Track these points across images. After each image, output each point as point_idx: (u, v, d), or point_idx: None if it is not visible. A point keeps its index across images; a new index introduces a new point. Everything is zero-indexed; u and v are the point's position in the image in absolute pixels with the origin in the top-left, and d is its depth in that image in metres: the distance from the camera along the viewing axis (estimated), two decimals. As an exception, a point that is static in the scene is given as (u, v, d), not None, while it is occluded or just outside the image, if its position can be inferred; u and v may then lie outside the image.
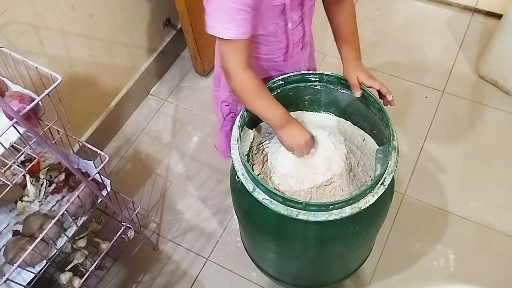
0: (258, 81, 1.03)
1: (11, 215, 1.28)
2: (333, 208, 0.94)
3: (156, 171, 1.83)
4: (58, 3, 1.43)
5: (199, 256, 1.62)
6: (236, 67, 1.00)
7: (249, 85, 1.02)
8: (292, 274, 1.39)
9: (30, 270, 1.15)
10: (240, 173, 1.01)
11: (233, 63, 1.00)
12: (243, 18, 0.93)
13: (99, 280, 1.56)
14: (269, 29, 1.04)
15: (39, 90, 0.99)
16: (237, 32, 0.94)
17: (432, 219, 1.64)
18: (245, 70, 1.00)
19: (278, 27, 1.05)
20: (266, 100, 1.04)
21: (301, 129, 1.08)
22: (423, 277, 1.53)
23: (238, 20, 0.93)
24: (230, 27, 0.93)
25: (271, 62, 1.16)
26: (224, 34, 0.94)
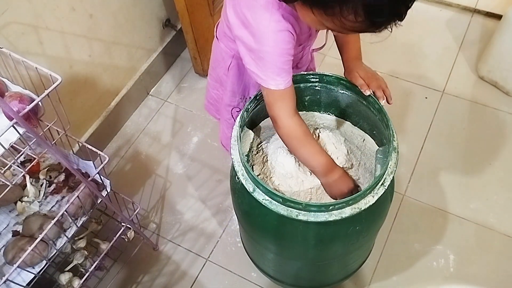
0: (305, 127, 1.03)
1: (11, 216, 1.28)
2: (333, 208, 0.94)
3: (156, 172, 1.83)
4: (58, 4, 1.43)
5: (198, 257, 1.62)
6: (285, 114, 1.00)
7: (296, 131, 1.02)
8: (292, 275, 1.39)
9: (30, 271, 1.15)
10: (240, 174, 1.01)
11: (283, 110, 1.00)
12: (290, 67, 0.96)
13: (98, 281, 1.55)
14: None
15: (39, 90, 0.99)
16: (287, 81, 0.96)
17: (432, 219, 1.64)
18: (292, 117, 1.01)
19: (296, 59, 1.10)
20: (311, 147, 1.03)
21: (345, 178, 1.06)
22: (423, 277, 1.53)
23: (287, 70, 0.95)
24: (280, 79, 0.95)
25: None
26: (277, 86, 0.96)
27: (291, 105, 1.01)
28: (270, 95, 1.00)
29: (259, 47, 0.94)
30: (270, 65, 0.94)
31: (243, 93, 1.29)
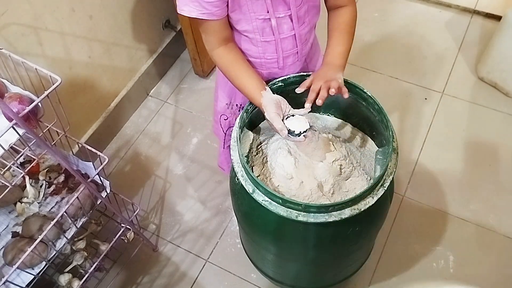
0: (230, 57, 1.07)
1: (11, 217, 1.28)
2: (333, 209, 0.94)
3: (155, 173, 1.83)
4: (57, 5, 1.44)
5: (198, 258, 1.62)
6: (209, 47, 1.07)
7: (218, 63, 1.08)
8: (292, 276, 1.39)
9: (29, 272, 1.15)
10: (239, 175, 1.01)
11: (207, 43, 1.06)
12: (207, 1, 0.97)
13: (98, 282, 1.55)
14: (253, 24, 1.04)
15: (38, 91, 0.99)
16: (201, 11, 0.98)
17: (431, 220, 1.64)
18: (214, 49, 1.06)
19: (264, 24, 1.05)
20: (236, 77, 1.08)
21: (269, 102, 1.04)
22: (422, 278, 1.53)
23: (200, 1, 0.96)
24: (193, 6, 0.97)
25: (267, 68, 1.15)
26: (188, 12, 0.99)
27: (214, 40, 1.05)
28: (199, 28, 1.05)
29: None
30: None
31: (229, 98, 1.28)
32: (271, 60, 1.13)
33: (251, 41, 1.09)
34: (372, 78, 2.05)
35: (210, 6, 0.97)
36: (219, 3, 0.97)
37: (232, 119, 1.30)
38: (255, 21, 1.04)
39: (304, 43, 1.14)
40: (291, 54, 1.13)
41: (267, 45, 1.09)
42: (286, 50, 1.12)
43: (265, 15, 1.03)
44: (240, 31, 1.07)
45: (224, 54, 1.07)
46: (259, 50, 1.11)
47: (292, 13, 1.05)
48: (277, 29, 1.06)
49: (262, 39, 1.08)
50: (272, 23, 1.05)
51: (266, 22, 1.04)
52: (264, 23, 1.04)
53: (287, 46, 1.11)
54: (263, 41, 1.08)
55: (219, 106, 1.30)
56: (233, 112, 1.28)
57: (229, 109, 1.28)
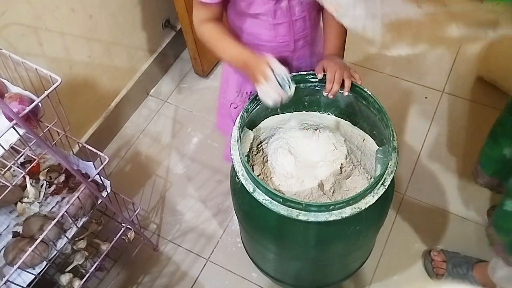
0: (214, 32, 1.09)
1: (11, 217, 1.28)
2: (334, 208, 0.94)
3: (156, 172, 1.83)
4: (57, 5, 1.43)
5: (199, 257, 1.62)
6: (196, 22, 1.11)
7: (206, 35, 1.10)
8: (293, 275, 1.39)
9: (30, 272, 1.15)
10: (240, 174, 1.01)
11: (195, 18, 1.10)
12: None
13: (99, 281, 1.55)
14: (265, 7, 1.06)
15: (38, 91, 0.99)
16: None
17: (432, 219, 1.64)
18: (201, 25, 1.10)
19: (276, 6, 1.06)
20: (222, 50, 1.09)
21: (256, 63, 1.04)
22: (423, 277, 1.53)
23: None
24: None
25: (278, 52, 1.16)
26: None
27: (202, 16, 1.09)
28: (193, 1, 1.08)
29: None
30: None
31: (239, 86, 1.28)
32: (283, 44, 1.14)
33: (263, 25, 1.10)
34: (372, 77, 2.05)
35: None
36: None
37: (241, 106, 1.30)
38: (267, 3, 1.05)
39: (313, 26, 1.16)
40: (302, 36, 1.15)
41: (280, 27, 1.11)
42: (298, 33, 1.14)
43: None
44: (252, 14, 1.08)
45: (211, 28, 1.09)
46: (271, 34, 1.12)
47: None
48: (289, 10, 1.08)
49: (274, 21, 1.09)
50: (283, 4, 1.06)
51: (278, 3, 1.06)
52: (277, 5, 1.06)
53: (299, 29, 1.13)
54: (275, 23, 1.09)
55: (228, 95, 1.31)
56: (243, 100, 1.29)
57: (239, 96, 1.29)
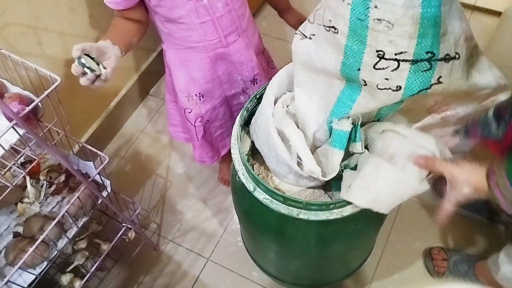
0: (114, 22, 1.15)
1: (12, 217, 1.28)
2: (334, 207, 0.94)
3: (156, 172, 1.83)
4: (57, 4, 1.43)
5: (200, 257, 1.62)
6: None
7: None
8: (293, 274, 1.39)
9: (31, 272, 1.15)
10: (240, 173, 1.01)
11: None
12: None
13: (100, 281, 1.55)
14: (186, 8, 1.06)
15: (38, 91, 0.99)
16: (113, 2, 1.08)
17: (432, 217, 1.64)
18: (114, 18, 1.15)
19: (197, 4, 1.07)
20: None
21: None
22: (424, 275, 1.53)
23: None
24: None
25: (212, 50, 1.18)
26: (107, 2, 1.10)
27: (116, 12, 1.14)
28: None
29: None
30: None
31: (187, 91, 1.29)
32: (213, 41, 1.16)
33: (189, 27, 1.11)
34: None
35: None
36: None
37: (196, 109, 1.32)
38: (187, 3, 1.05)
39: (241, 18, 1.17)
40: (231, 31, 1.17)
41: (205, 26, 1.12)
42: (225, 28, 1.15)
43: None
44: (176, 19, 1.09)
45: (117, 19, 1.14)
46: (199, 34, 1.13)
47: None
48: (210, 7, 1.08)
49: (199, 20, 1.10)
50: (204, 1, 1.07)
51: (199, 2, 1.06)
52: (197, 3, 1.06)
53: (226, 24, 1.14)
54: (200, 22, 1.10)
55: (179, 103, 1.33)
56: (194, 102, 1.30)
57: (190, 101, 1.30)
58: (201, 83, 1.26)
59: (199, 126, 1.36)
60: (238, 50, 1.22)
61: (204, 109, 1.33)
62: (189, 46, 1.17)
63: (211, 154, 1.46)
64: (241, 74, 1.28)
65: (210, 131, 1.41)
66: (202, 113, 1.33)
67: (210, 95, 1.31)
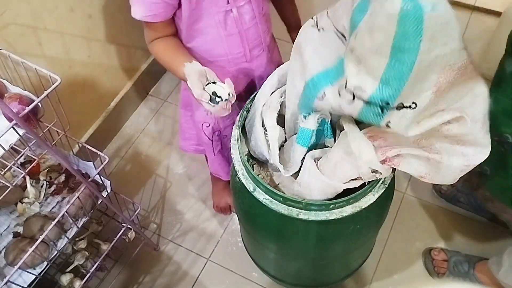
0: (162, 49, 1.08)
1: (12, 217, 1.28)
2: (334, 207, 0.94)
3: (156, 172, 1.83)
4: (56, 4, 1.43)
5: (199, 257, 1.62)
6: (146, 41, 1.10)
7: (155, 51, 1.10)
8: (293, 274, 1.38)
9: (31, 272, 1.15)
10: (240, 173, 1.01)
11: (145, 34, 1.09)
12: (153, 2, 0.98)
13: (100, 281, 1.55)
14: (215, 19, 1.04)
15: (38, 91, 0.99)
16: (142, 14, 1.00)
17: (432, 217, 1.64)
18: (151, 43, 1.09)
19: (226, 16, 1.05)
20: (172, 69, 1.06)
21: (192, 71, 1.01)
22: (424, 275, 1.53)
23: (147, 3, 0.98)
24: (136, 7, 1.00)
25: (235, 64, 1.15)
26: (134, 14, 1.01)
27: (151, 35, 1.08)
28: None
29: None
30: None
31: None
32: (238, 55, 1.14)
33: (214, 39, 1.09)
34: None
35: (155, 7, 0.99)
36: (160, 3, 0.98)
37: (214, 124, 1.28)
38: (216, 15, 1.04)
39: (265, 32, 1.16)
40: (256, 44, 1.15)
41: (232, 39, 1.10)
42: (251, 41, 1.13)
43: (226, 7, 1.03)
44: (201, 29, 1.06)
45: (159, 42, 1.08)
46: (224, 47, 1.11)
47: (252, 0, 1.06)
48: (239, 19, 1.07)
49: (226, 33, 1.08)
50: (233, 13, 1.05)
51: (228, 14, 1.05)
52: (226, 15, 1.05)
53: (252, 37, 1.12)
54: (227, 35, 1.08)
55: (197, 116, 1.28)
56: (212, 117, 1.26)
57: (208, 115, 1.26)
58: None
59: (217, 141, 1.32)
60: (260, 65, 1.19)
61: (223, 125, 1.29)
62: (212, 59, 1.13)
63: (227, 170, 1.43)
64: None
65: (227, 145, 1.37)
66: (220, 128, 1.30)
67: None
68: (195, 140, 1.43)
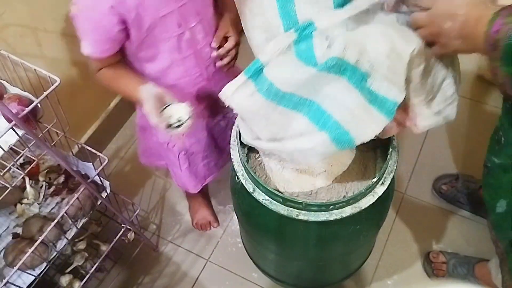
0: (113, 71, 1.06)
1: (11, 218, 1.28)
2: (334, 208, 0.94)
3: (155, 173, 1.83)
4: (56, 5, 1.43)
5: (199, 258, 1.62)
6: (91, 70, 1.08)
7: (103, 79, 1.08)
8: (293, 275, 1.38)
9: (30, 273, 1.15)
10: (240, 174, 1.01)
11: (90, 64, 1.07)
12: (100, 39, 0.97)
13: (99, 282, 1.55)
14: (169, 44, 1.03)
15: (37, 92, 0.99)
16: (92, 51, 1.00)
17: (432, 218, 1.64)
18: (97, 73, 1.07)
19: (179, 39, 1.04)
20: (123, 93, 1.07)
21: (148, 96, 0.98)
22: (423, 276, 1.53)
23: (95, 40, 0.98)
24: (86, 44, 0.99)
25: (194, 85, 1.14)
26: (82, 48, 0.99)
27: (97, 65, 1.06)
28: None
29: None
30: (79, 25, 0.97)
31: None
32: (196, 75, 1.13)
33: (170, 63, 1.07)
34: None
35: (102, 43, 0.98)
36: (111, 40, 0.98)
37: (179, 143, 1.27)
38: (169, 40, 1.02)
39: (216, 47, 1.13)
40: (211, 61, 1.13)
41: (188, 61, 1.08)
42: (206, 59, 1.12)
43: (178, 31, 1.02)
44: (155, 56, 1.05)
45: (106, 70, 1.07)
46: (180, 70, 1.09)
47: (203, 19, 1.05)
48: (192, 41, 1.05)
49: (181, 56, 1.06)
50: (186, 35, 1.03)
51: (181, 37, 1.03)
52: (179, 38, 1.03)
53: (207, 55, 1.11)
54: (182, 58, 1.07)
55: (160, 137, 1.28)
56: (177, 138, 1.25)
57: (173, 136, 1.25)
58: None
59: (184, 159, 1.32)
60: (219, 80, 1.17)
61: (189, 143, 1.28)
62: (170, 83, 1.11)
63: (195, 183, 1.42)
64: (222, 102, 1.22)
65: (195, 162, 1.36)
66: (186, 147, 1.29)
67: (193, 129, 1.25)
68: (155, 157, 1.43)
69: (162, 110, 0.94)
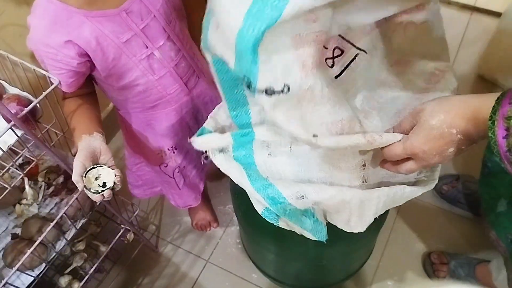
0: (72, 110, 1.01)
1: (10, 218, 1.27)
2: (334, 209, 0.93)
3: (155, 173, 1.83)
4: (55, 5, 1.43)
5: (199, 258, 1.62)
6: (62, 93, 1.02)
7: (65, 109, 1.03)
8: (293, 275, 1.38)
9: (29, 274, 1.15)
10: (240, 175, 1.00)
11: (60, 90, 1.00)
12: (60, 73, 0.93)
13: (98, 283, 1.55)
14: (140, 68, 1.00)
15: (37, 92, 0.99)
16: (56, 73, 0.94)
17: (433, 218, 1.64)
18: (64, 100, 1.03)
19: (150, 60, 1.01)
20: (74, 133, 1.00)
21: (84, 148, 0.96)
22: (424, 277, 1.52)
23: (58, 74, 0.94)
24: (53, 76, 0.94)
25: (176, 102, 1.11)
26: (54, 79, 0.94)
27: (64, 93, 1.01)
28: None
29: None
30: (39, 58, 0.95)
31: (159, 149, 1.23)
32: (175, 92, 1.09)
33: (147, 86, 1.04)
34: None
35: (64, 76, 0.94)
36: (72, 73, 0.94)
37: (171, 162, 1.26)
38: (139, 63, 1.00)
39: (194, 58, 1.10)
40: (190, 75, 1.11)
41: (164, 80, 1.05)
42: (184, 75, 1.09)
43: (146, 51, 0.99)
44: (130, 83, 1.02)
45: (70, 102, 1.02)
46: (159, 90, 1.06)
47: (170, 35, 1.01)
48: (164, 59, 1.02)
49: (156, 77, 1.03)
50: (156, 55, 1.01)
51: (151, 57, 1.00)
52: (150, 60, 1.01)
53: (183, 70, 1.08)
54: (157, 78, 1.04)
55: (151, 161, 1.27)
56: (168, 157, 1.24)
57: (164, 156, 1.24)
58: (171, 136, 1.20)
59: (178, 177, 1.31)
60: (201, 92, 1.15)
61: (180, 159, 1.27)
62: (151, 106, 1.10)
63: (194, 195, 1.41)
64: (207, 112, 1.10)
65: (187, 174, 1.35)
66: (178, 164, 1.27)
67: (181, 144, 1.24)
68: (148, 185, 1.42)
69: (90, 169, 0.92)
